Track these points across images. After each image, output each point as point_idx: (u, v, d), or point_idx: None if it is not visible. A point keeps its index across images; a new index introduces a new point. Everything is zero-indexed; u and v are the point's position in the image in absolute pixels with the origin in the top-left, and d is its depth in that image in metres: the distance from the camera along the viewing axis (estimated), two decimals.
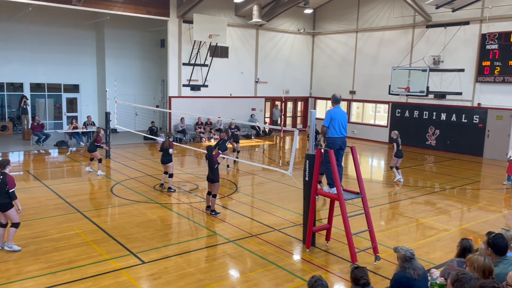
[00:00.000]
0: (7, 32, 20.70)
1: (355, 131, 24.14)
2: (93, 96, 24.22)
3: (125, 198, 11.37)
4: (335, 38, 25.71)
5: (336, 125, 7.84)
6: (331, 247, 8.33)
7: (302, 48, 26.69)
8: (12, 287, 6.41)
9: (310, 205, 7.98)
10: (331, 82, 25.83)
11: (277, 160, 17.40)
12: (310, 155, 7.99)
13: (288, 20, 25.50)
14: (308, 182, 8.05)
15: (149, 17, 20.51)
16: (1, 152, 17.06)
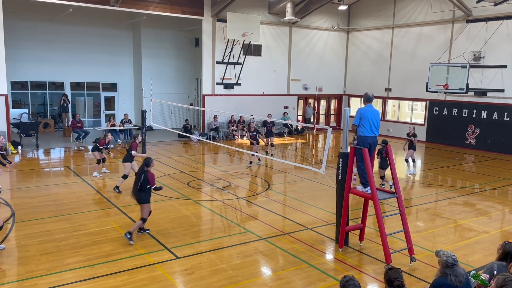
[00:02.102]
0: (49, 33, 21.54)
1: (390, 130, 23.62)
2: (130, 94, 24.84)
3: (159, 194, 11.57)
4: (370, 35, 25.22)
5: (367, 123, 7.71)
6: (365, 247, 8.19)
7: (336, 45, 26.35)
8: (52, 278, 6.68)
9: (343, 204, 7.88)
10: (366, 80, 25.37)
11: (309, 158, 17.28)
12: (343, 154, 7.89)
13: (322, 17, 25.23)
14: (341, 181, 7.95)
15: (184, 16, 20.81)
16: (44, 148, 17.79)
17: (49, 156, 16.95)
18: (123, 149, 18.28)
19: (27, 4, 17.97)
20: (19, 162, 15.66)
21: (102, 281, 6.62)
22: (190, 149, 19.45)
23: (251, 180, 13.55)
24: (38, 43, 21.37)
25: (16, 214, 9.59)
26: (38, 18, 20.82)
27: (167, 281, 6.71)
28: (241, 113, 21.48)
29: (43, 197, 10.99)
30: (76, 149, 18.25)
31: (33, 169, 14.69)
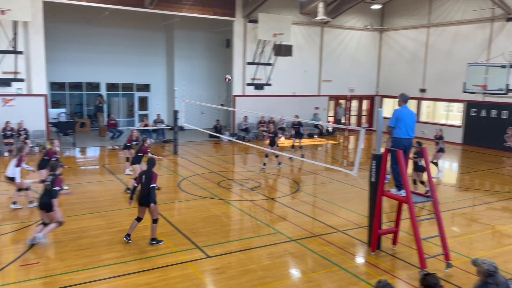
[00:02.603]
0: (86, 35, 22.22)
1: (425, 131, 23.01)
2: (163, 95, 25.30)
3: (191, 193, 11.77)
4: (405, 34, 24.68)
5: (403, 125, 7.55)
6: (398, 251, 8.02)
7: (369, 45, 25.94)
8: (88, 273, 6.88)
9: (376, 207, 7.74)
10: (400, 80, 24.85)
11: (340, 160, 17.08)
12: (377, 155, 7.75)
13: (355, 17, 24.91)
14: (374, 183, 7.81)
15: (215, 17, 21.02)
16: (80, 147, 18.36)
17: (85, 154, 17.49)
18: (155, 149, 18.63)
19: (66, 7, 18.61)
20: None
21: (136, 277, 6.77)
22: (220, 149, 19.61)
23: (280, 181, 13.52)
24: (76, 45, 22.09)
25: None
26: (76, 20, 21.52)
27: (198, 280, 6.79)
28: (271, 114, 21.47)
29: (79, 194, 11.34)
30: (110, 148, 18.73)
31: (70, 167, 15.16)
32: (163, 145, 19.79)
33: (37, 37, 17.04)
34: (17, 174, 9.78)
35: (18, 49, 16.56)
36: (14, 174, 9.74)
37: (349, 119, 25.49)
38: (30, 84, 17.21)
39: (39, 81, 17.41)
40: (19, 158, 9.80)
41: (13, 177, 9.77)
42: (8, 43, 16.30)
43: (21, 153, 9.91)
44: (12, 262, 7.18)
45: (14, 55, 16.48)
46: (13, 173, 9.74)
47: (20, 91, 17.04)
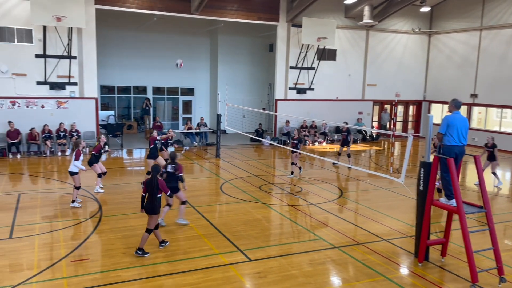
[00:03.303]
0: (135, 41, 23.04)
1: (475, 139, 22.03)
2: (206, 99, 25.75)
3: (232, 196, 11.87)
4: (455, 37, 23.80)
5: (455, 132, 7.26)
6: (447, 263, 7.70)
7: (417, 48, 25.21)
8: (135, 271, 7.08)
9: (424, 217, 7.47)
10: (449, 85, 23.97)
11: (385, 166, 16.67)
12: (425, 163, 7.49)
13: (402, 20, 24.31)
14: (423, 192, 7.55)
15: (259, 22, 21.17)
16: (127, 148, 19.00)
17: (132, 155, 18.08)
18: (198, 151, 18.98)
19: (117, 14, 19.38)
20: (105, 160, 16.88)
21: (180, 277, 6.89)
22: (261, 153, 19.68)
23: (322, 186, 13.37)
24: (124, 50, 22.95)
25: (103, 209, 10.33)
26: (126, 27, 22.37)
27: (240, 283, 6.82)
28: (314, 118, 21.31)
29: (126, 194, 11.73)
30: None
31: (117, 168, 15.77)
32: (206, 148, 20.12)
33: (90, 43, 17.86)
34: (76, 168, 10.30)
35: (72, 55, 17.41)
36: (75, 169, 10.29)
37: (395, 124, 24.83)
38: (82, 88, 18.04)
39: (91, 85, 18.22)
40: (76, 152, 10.33)
41: (74, 172, 10.30)
42: (64, 48, 17.16)
43: (77, 148, 10.43)
44: (64, 258, 7.51)
45: (68, 60, 17.34)
46: (72, 167, 10.30)
47: (73, 94, 17.90)
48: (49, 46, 16.98)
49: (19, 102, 17.07)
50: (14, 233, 8.69)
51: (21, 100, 17.08)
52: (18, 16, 16.57)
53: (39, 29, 16.68)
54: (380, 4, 22.42)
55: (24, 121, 16.91)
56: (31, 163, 15.69)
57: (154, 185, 7.64)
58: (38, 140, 17.06)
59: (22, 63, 16.90)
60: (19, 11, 16.53)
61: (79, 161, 10.33)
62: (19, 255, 7.63)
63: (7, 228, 8.91)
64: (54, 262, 7.34)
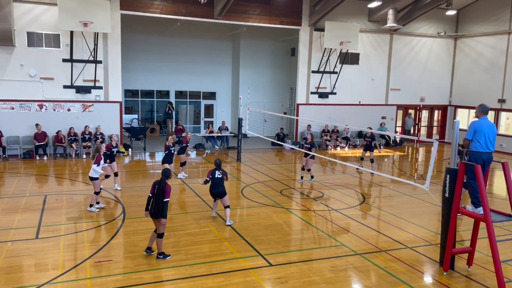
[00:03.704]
0: (158, 45, 23.41)
1: (503, 145, 21.48)
2: (227, 102, 25.90)
3: (253, 200, 11.88)
4: (482, 41, 23.28)
5: (482, 138, 7.09)
6: (474, 273, 7.50)
7: (442, 52, 24.77)
8: (156, 273, 7.16)
9: (450, 224, 7.31)
10: (476, 90, 23.44)
11: (409, 172, 16.39)
12: (451, 170, 7.33)
13: (427, 23, 23.93)
14: (448, 199, 7.39)
15: (282, 27, 21.20)
16: (150, 151, 19.25)
17: (154, 158, 18.30)
18: (219, 155, 19.08)
19: (141, 19, 19.73)
20: (128, 163, 17.16)
21: (201, 280, 6.93)
22: (282, 157, 19.63)
23: (344, 192, 13.23)
24: (148, 54, 23.34)
25: (126, 212, 10.49)
26: (150, 31, 22.75)
27: (261, 287, 6.82)
28: (336, 123, 21.15)
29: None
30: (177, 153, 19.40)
31: (140, 170, 16.01)
32: (227, 151, 20.20)
33: (115, 47, 18.23)
34: (97, 173, 10.35)
35: (98, 59, 17.80)
36: (96, 174, 10.34)
37: (419, 130, 24.43)
38: (107, 91, 18.40)
39: (115, 89, 18.57)
40: (97, 157, 10.40)
41: (95, 177, 10.32)
42: (90, 53, 17.56)
43: (98, 153, 10.50)
44: (88, 259, 7.65)
45: (94, 64, 17.73)
46: (92, 172, 10.34)
47: (98, 98, 18.28)
48: (75, 50, 17.42)
49: (47, 105, 17.54)
50: (41, 233, 8.91)
51: (48, 104, 17.54)
52: (47, 22, 17.06)
53: (66, 34, 17.13)
54: (405, 8, 22.14)
55: (51, 124, 17.36)
56: (57, 165, 16.08)
57: (161, 188, 7.58)
58: (64, 143, 17.48)
59: (49, 67, 17.37)
60: (47, 17, 17.02)
61: (99, 166, 10.36)
62: (45, 255, 7.81)
63: (34, 229, 9.14)
64: (79, 262, 7.49)
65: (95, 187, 10.43)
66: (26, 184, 13.07)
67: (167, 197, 7.56)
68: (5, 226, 9.24)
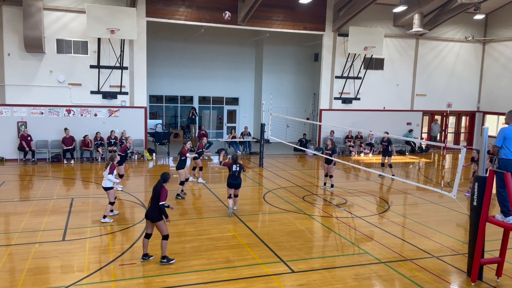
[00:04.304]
0: (182, 52, 23.73)
1: None
2: (250, 108, 25.99)
3: (275, 206, 11.85)
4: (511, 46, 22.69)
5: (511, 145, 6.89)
6: (503, 284, 7.27)
7: (470, 57, 24.24)
8: (179, 277, 7.22)
9: (478, 234, 7.11)
10: (505, 95, 22.83)
11: (435, 179, 16.05)
12: (480, 177, 7.15)
13: (454, 28, 23.49)
14: (477, 208, 7.20)
15: (305, 32, 21.18)
16: (173, 156, 19.46)
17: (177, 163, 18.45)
18: (242, 160, 19.12)
19: (166, 26, 20.06)
20: (152, 167, 17.40)
21: (223, 286, 6.94)
22: (305, 163, 19.54)
23: (368, 199, 13.06)
24: (173, 60, 23.69)
25: None
26: (174, 38, 23.10)
27: None
28: (359, 129, 20.92)
29: (172, 200, 11.99)
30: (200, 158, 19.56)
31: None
32: (249, 157, 20.25)
33: (140, 54, 18.59)
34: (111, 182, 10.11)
35: (124, 65, 18.18)
36: (109, 184, 10.08)
37: (446, 136, 23.91)
38: (132, 97, 18.76)
39: (141, 94, 18.90)
40: (111, 166, 10.07)
41: (109, 187, 10.07)
42: (116, 59, 17.96)
43: (112, 162, 10.22)
44: (112, 262, 7.78)
45: (120, 70, 18.12)
46: (106, 182, 10.06)
47: (124, 103, 18.64)
48: (102, 57, 17.84)
49: (74, 111, 18.00)
50: (67, 235, 9.12)
51: (76, 109, 18.00)
52: (75, 29, 17.55)
53: (94, 41, 17.58)
54: (431, 12, 21.81)
55: (78, 129, 17.79)
56: (84, 169, 16.45)
57: (157, 192, 7.64)
58: (91, 147, 17.88)
59: (77, 74, 17.84)
60: (76, 25, 17.51)
61: (113, 175, 10.10)
62: (71, 257, 7.98)
63: (61, 231, 9.37)
64: (103, 265, 7.62)
65: (110, 197, 10.13)
66: (54, 187, 13.42)
67: (162, 200, 7.60)
68: (33, 228, 9.51)
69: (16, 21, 16.73)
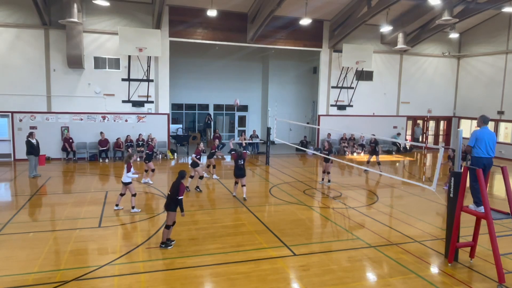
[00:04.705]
0: (200, 66, 23.83)
1: (502, 151, 20.56)
2: (258, 114, 25.98)
3: (280, 198, 11.84)
4: (482, 60, 22.45)
5: (483, 145, 6.83)
6: (475, 264, 7.20)
7: (446, 70, 24.03)
8: (197, 259, 7.24)
9: (454, 221, 7.05)
10: (477, 103, 22.59)
11: (417, 175, 15.92)
12: (455, 173, 7.09)
13: (432, 45, 23.31)
14: (453, 199, 7.14)
15: (305, 49, 21.15)
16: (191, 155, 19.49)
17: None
18: (251, 159, 19.14)
19: (186, 44, 20.11)
20: (174, 165, 17.49)
21: (234, 266, 6.96)
22: (306, 161, 19.48)
23: (360, 192, 13.00)
24: (191, 73, 23.80)
25: None
26: (193, 54, 23.19)
27: (286, 274, 6.77)
28: (352, 132, 20.84)
29: (191, 193, 12.06)
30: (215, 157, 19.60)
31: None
32: (257, 156, 20.24)
33: (164, 68, 18.69)
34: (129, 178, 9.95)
35: (150, 78, 18.30)
36: (128, 179, 9.98)
37: (427, 138, 23.72)
38: (157, 105, 18.86)
39: (164, 103, 19.00)
40: (128, 165, 9.86)
41: (128, 182, 9.97)
42: (143, 73, 18.09)
43: (129, 161, 9.93)
44: (140, 245, 7.83)
45: (147, 82, 18.24)
46: (125, 178, 9.97)
47: (150, 111, 18.76)
48: (132, 71, 17.97)
49: (108, 117, 18.15)
50: (102, 223, 9.20)
51: (109, 115, 18.15)
52: (109, 48, 17.71)
53: (125, 58, 17.72)
54: (413, 32, 21.66)
55: (111, 132, 17.94)
56: (116, 167, 16.58)
57: (176, 187, 7.60)
58: (122, 148, 18.01)
59: (111, 86, 17.99)
60: (110, 44, 17.67)
61: (131, 172, 9.95)
62: (106, 241, 8.06)
63: (97, 219, 9.46)
64: (132, 248, 7.68)
65: (131, 190, 10.00)
66: (91, 182, 13.54)
67: (181, 195, 7.57)
68: (74, 216, 9.61)
69: (60, 42, 16.93)
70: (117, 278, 6.40)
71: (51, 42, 16.95)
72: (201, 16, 18.44)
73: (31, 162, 14.14)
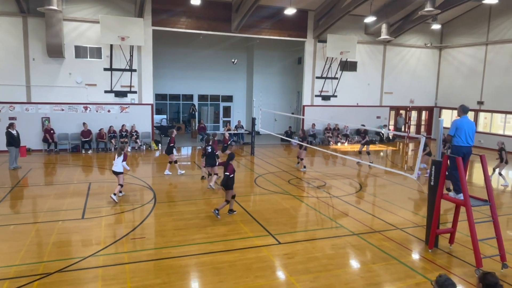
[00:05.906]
0: (184, 56, 23.51)
1: (481, 141, 21.09)
2: (243, 104, 25.90)
3: (265, 188, 11.89)
4: (463, 51, 22.85)
5: (463, 134, 6.99)
6: (455, 250, 7.42)
7: (429, 61, 24.38)
8: (182, 249, 7.23)
9: (434, 208, 7.23)
10: (458, 93, 23.05)
11: (400, 164, 16.21)
12: (436, 162, 7.24)
13: (415, 36, 23.57)
14: (434, 187, 7.30)
15: (290, 39, 21.09)
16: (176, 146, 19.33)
17: (180, 152, 18.43)
18: (236, 150, 19.12)
19: (169, 34, 19.82)
20: (158, 156, 17.33)
21: (220, 256, 6.98)
22: (290, 151, 19.56)
23: (344, 181, 13.17)
24: (175, 63, 23.47)
25: (157, 197, 10.61)
26: (176, 44, 22.86)
27: (271, 262, 6.83)
28: (337, 122, 21.01)
29: (177, 184, 11.99)
30: (200, 148, 19.54)
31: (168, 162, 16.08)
32: (242, 147, 20.23)
33: (147, 58, 18.37)
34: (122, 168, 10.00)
35: (133, 68, 17.96)
36: (120, 169, 9.99)
37: (409, 127, 24.13)
38: (141, 95, 18.57)
39: (148, 93, 18.72)
40: (124, 154, 9.99)
41: (119, 171, 9.98)
42: (126, 63, 17.74)
43: (123, 151, 10.04)
44: (125, 236, 7.77)
45: (130, 72, 17.90)
46: (119, 168, 9.97)
47: (133, 101, 18.46)
48: (114, 61, 17.60)
49: (90, 107, 17.79)
50: (86, 214, 9.08)
51: (92, 106, 17.79)
52: (90, 37, 17.27)
53: (107, 47, 17.32)
54: (396, 22, 21.83)
55: (94, 123, 17.61)
56: (99, 158, 16.32)
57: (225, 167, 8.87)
58: (105, 139, 17.72)
59: (93, 75, 17.60)
60: (91, 33, 17.23)
61: (125, 162, 9.99)
62: (89, 232, 7.96)
63: (80, 210, 9.32)
64: (117, 239, 7.62)
65: (120, 180, 10.03)
66: (74, 173, 13.31)
67: (229, 172, 8.82)
68: (57, 208, 9.45)
69: (39, 30, 16.41)
70: (102, 269, 6.34)
71: (30, 30, 16.42)
72: (184, 5, 18.13)
73: (12, 153, 13.79)
